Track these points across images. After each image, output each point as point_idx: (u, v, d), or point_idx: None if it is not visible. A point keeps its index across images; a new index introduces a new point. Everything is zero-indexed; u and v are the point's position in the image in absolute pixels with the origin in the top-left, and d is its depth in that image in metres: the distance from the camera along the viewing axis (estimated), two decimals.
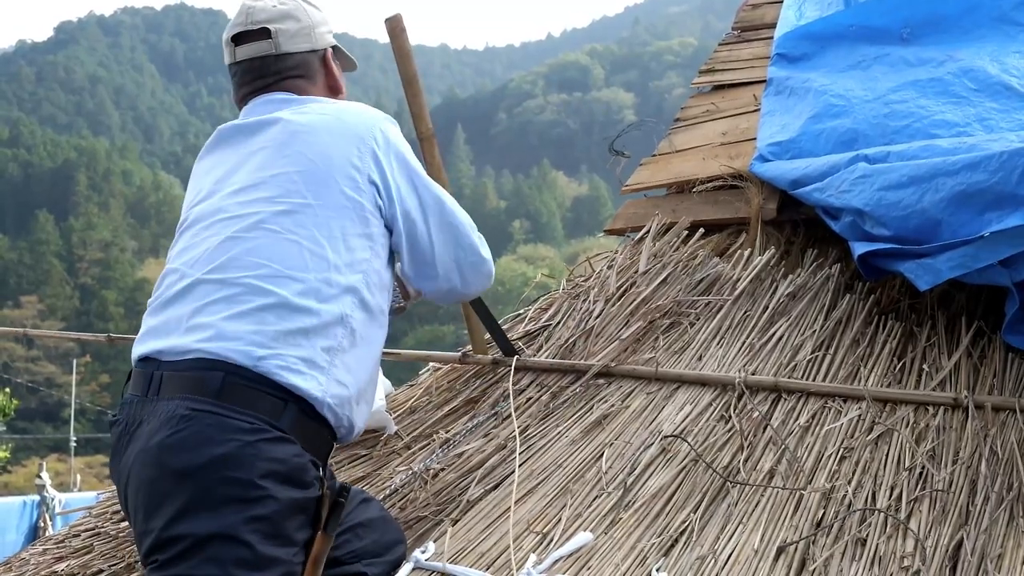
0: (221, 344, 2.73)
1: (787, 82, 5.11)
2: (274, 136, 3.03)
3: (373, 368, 3.04)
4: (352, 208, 2.94)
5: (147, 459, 2.69)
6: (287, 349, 2.75)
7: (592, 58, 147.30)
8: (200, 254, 2.91)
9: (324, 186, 2.92)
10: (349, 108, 3.14)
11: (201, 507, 2.61)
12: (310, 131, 3.01)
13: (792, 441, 3.51)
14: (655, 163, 5.37)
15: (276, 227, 2.87)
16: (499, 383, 4.26)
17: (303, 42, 3.25)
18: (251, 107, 3.23)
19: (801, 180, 4.53)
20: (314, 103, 3.15)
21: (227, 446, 2.63)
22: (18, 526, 16.49)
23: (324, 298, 2.83)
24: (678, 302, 4.33)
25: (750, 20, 6.13)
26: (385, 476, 3.89)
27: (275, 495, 2.65)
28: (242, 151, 3.07)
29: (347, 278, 2.89)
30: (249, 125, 3.13)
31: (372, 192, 2.99)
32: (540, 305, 4.76)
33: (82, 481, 27.10)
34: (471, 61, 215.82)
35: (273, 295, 2.78)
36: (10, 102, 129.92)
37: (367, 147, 3.01)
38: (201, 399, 2.69)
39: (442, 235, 3.14)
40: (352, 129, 3.03)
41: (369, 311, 2.95)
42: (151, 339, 2.88)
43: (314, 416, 2.81)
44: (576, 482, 3.49)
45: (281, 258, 2.83)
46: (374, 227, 2.99)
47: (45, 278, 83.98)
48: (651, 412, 3.80)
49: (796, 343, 4.04)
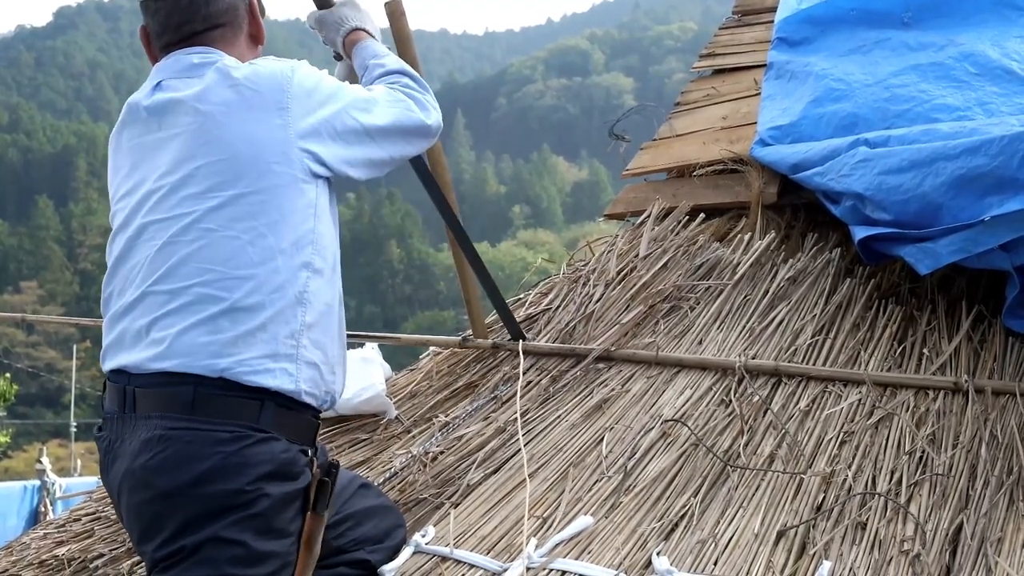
0: (181, 360, 2.68)
1: (788, 66, 5.10)
2: (188, 121, 2.84)
3: (338, 329, 2.95)
4: (286, 183, 2.80)
5: (134, 483, 2.67)
6: (248, 351, 2.69)
7: (592, 43, 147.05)
8: (142, 261, 2.81)
9: (252, 168, 2.77)
10: (258, 71, 2.89)
11: (196, 522, 2.60)
12: (226, 112, 2.81)
13: (792, 425, 3.51)
14: (655, 147, 5.36)
15: (212, 225, 2.75)
16: (499, 367, 4.26)
17: None
18: (167, 65, 3.01)
19: (802, 164, 4.53)
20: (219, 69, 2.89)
21: (211, 460, 2.61)
22: (19, 511, 16.50)
23: (276, 287, 2.74)
24: (678, 286, 4.33)
25: (751, 4, 6.12)
26: (385, 460, 3.90)
27: (267, 492, 2.65)
28: (158, 136, 2.91)
29: (296, 258, 2.79)
30: (157, 106, 2.93)
31: (303, 159, 2.83)
32: (540, 289, 4.76)
33: (82, 466, 27.11)
34: (471, 46, 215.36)
35: (223, 300, 2.70)
36: (9, 87, 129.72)
37: (289, 111, 2.82)
38: (176, 416, 2.65)
39: (388, 140, 3.03)
40: (269, 96, 2.83)
41: (322, 274, 2.86)
42: (114, 353, 2.83)
43: (293, 406, 2.77)
44: (576, 466, 3.49)
45: (224, 259, 2.73)
46: (310, 192, 2.85)
47: (45, 264, 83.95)
48: (651, 396, 3.80)
49: (796, 327, 4.04)
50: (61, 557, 3.69)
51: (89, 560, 3.65)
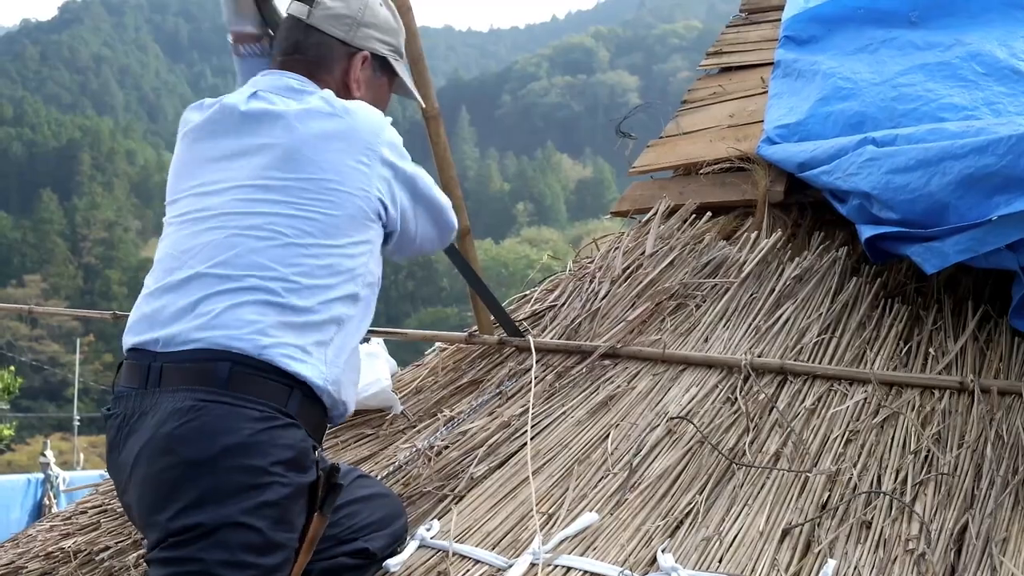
0: (225, 333, 2.73)
1: (795, 64, 5.10)
2: (282, 135, 2.97)
3: (354, 351, 3.05)
4: (357, 218, 2.95)
5: (156, 449, 2.68)
6: (287, 337, 2.77)
7: (597, 40, 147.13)
8: (203, 246, 2.88)
9: (334, 196, 2.91)
10: (358, 111, 3.06)
11: (214, 497, 2.61)
12: (321, 137, 2.96)
13: (798, 424, 3.51)
14: (662, 145, 5.36)
15: (286, 230, 2.86)
16: (504, 363, 4.27)
17: (337, 28, 3.19)
18: (265, 81, 3.16)
19: (808, 163, 4.53)
20: (321, 99, 3.05)
21: (239, 435, 2.64)
22: (22, 504, 16.52)
23: (323, 302, 2.86)
24: (684, 284, 4.34)
25: (758, 2, 6.12)
26: (390, 455, 3.91)
27: (284, 481, 2.68)
28: (245, 142, 3.02)
29: (346, 286, 2.92)
30: (254, 113, 3.04)
31: (376, 201, 2.99)
32: (546, 286, 4.76)
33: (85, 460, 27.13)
34: (476, 43, 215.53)
35: (275, 294, 2.79)
36: (14, 81, 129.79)
37: (375, 156, 2.99)
38: (210, 390, 2.69)
39: (427, 224, 3.23)
40: (361, 136, 2.99)
41: (359, 304, 2.99)
42: (147, 327, 2.86)
43: (315, 400, 2.84)
44: (582, 463, 3.49)
45: (287, 263, 2.83)
46: (372, 232, 3.01)
47: (49, 257, 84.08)
48: (657, 393, 3.80)
49: (802, 326, 4.04)
50: (67, 549, 3.70)
51: (95, 553, 3.65)
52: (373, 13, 3.25)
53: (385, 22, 3.29)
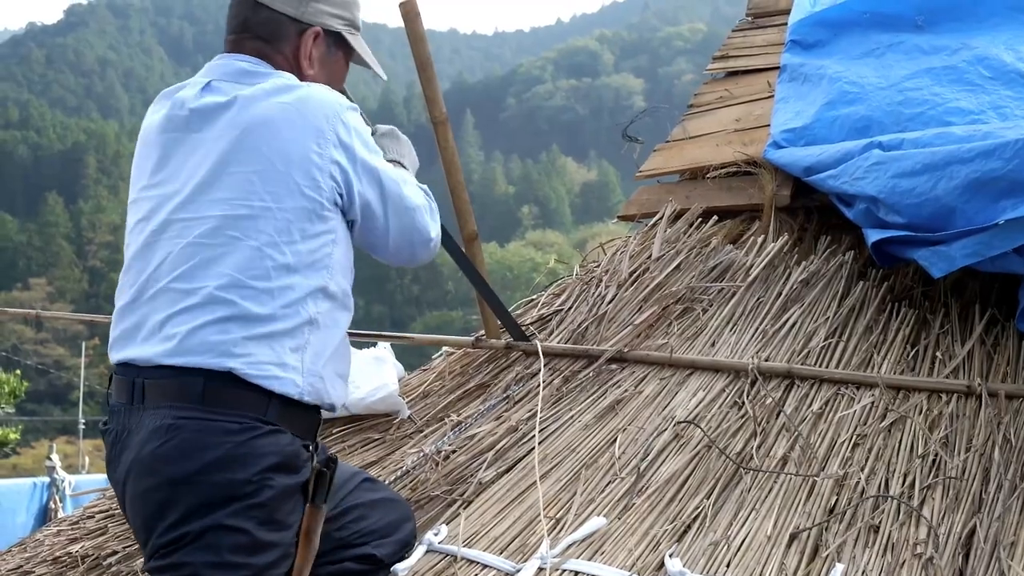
0: (191, 357, 2.71)
1: (801, 69, 5.11)
2: (230, 127, 2.88)
3: (340, 345, 2.98)
4: (311, 207, 2.84)
5: (142, 470, 2.70)
6: (257, 354, 2.73)
7: (601, 43, 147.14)
8: (163, 257, 2.85)
9: (282, 186, 2.81)
10: (310, 95, 2.93)
11: (200, 511, 2.63)
12: (268, 124, 2.85)
13: (805, 428, 3.51)
14: (668, 149, 5.36)
15: (237, 233, 2.79)
16: (511, 367, 4.27)
17: (285, 4, 3.06)
18: (213, 66, 3.07)
19: (815, 167, 4.53)
20: (273, 82, 2.95)
21: (220, 449, 2.64)
22: (28, 507, 16.53)
23: (288, 302, 2.79)
24: (691, 288, 4.34)
25: (764, 6, 6.12)
26: (398, 460, 3.91)
27: (272, 484, 2.68)
28: (197, 136, 2.94)
29: (310, 280, 2.84)
30: (203, 109, 2.95)
31: (331, 187, 2.88)
32: (553, 290, 4.76)
33: (90, 463, 27.15)
34: (480, 46, 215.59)
35: (235, 306, 2.74)
36: (20, 84, 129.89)
37: (327, 141, 2.87)
38: (186, 406, 2.69)
39: (398, 219, 3.06)
40: (312, 122, 2.87)
41: (334, 299, 2.92)
42: (125, 345, 2.86)
43: (297, 404, 2.81)
44: (589, 467, 3.50)
45: (242, 267, 2.77)
46: (332, 220, 2.91)
47: (54, 260, 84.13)
48: (664, 398, 3.81)
49: (809, 330, 4.04)
50: (75, 554, 3.71)
51: (103, 557, 3.66)
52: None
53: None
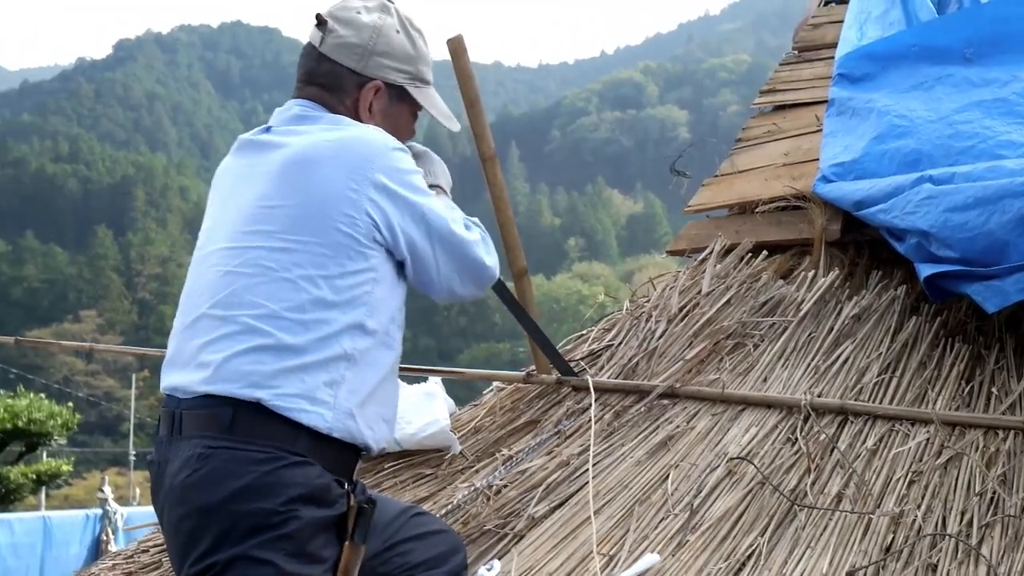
0: (223, 386, 2.74)
1: (849, 102, 5.09)
2: (279, 160, 2.94)
3: (382, 386, 2.96)
4: (349, 245, 2.85)
5: (173, 499, 2.73)
6: (287, 386, 2.74)
7: (646, 75, 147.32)
8: (204, 286, 2.90)
9: (320, 223, 2.84)
10: (355, 136, 2.97)
11: (227, 540, 2.64)
12: (310, 161, 2.89)
13: (860, 464, 3.50)
14: (717, 184, 5.36)
15: (274, 264, 2.82)
16: (562, 402, 4.27)
17: (347, 57, 3.10)
18: (278, 110, 3.16)
19: (865, 201, 4.51)
20: (323, 123, 3.02)
21: (246, 478, 2.65)
22: (81, 539, 16.67)
23: (322, 338, 2.80)
24: (742, 323, 4.33)
25: (810, 40, 6.11)
26: (449, 495, 3.91)
27: (299, 515, 2.67)
28: (249, 172, 3.01)
29: (347, 316, 2.84)
30: (261, 143, 3.05)
31: (368, 226, 2.88)
32: (603, 325, 4.76)
33: (141, 495, 27.31)
34: (525, 78, 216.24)
35: (270, 336, 2.76)
36: (70, 118, 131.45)
37: (366, 180, 2.88)
38: (215, 435, 2.71)
39: (447, 255, 3.05)
40: (352, 160, 2.89)
41: (373, 336, 2.90)
42: (169, 370, 2.91)
43: (327, 440, 2.79)
44: (642, 503, 3.49)
45: (278, 298, 2.79)
46: (374, 259, 2.90)
47: (104, 293, 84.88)
48: (717, 434, 3.80)
49: (862, 365, 4.02)
50: None
51: None
52: (387, 41, 3.13)
53: (400, 49, 3.16)
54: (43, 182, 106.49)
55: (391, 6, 3.18)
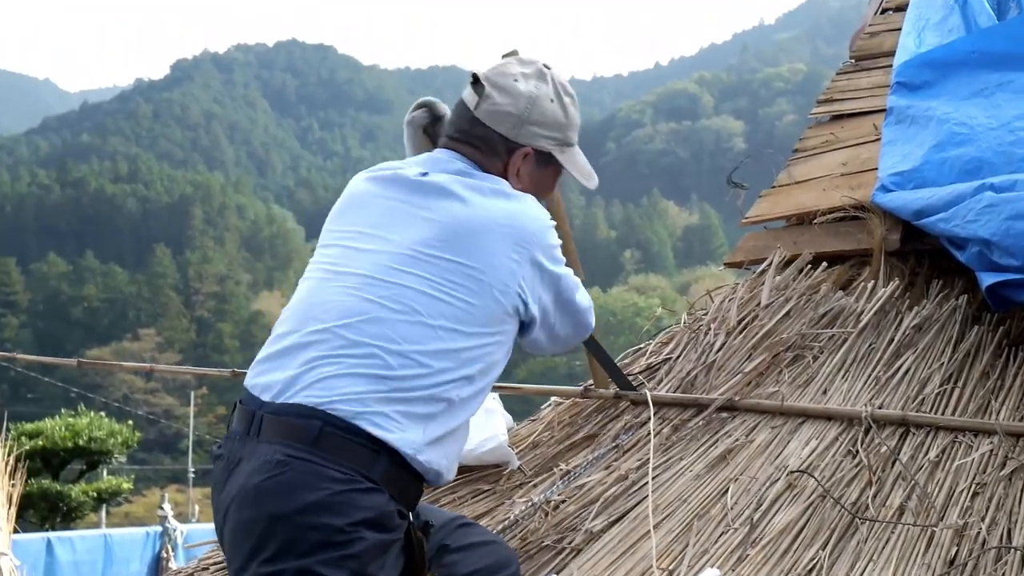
0: (325, 395, 2.77)
1: (908, 111, 5.04)
2: (445, 215, 3.00)
3: (463, 426, 3.04)
4: (495, 311, 2.96)
5: (244, 500, 2.74)
6: (384, 409, 2.79)
7: (701, 86, 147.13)
8: (335, 303, 2.93)
9: (476, 285, 2.93)
10: (526, 210, 3.07)
11: (293, 550, 2.66)
12: (484, 228, 2.98)
13: (922, 476, 3.46)
14: (775, 195, 5.33)
15: (420, 308, 2.88)
16: (620, 416, 4.25)
17: (501, 124, 3.17)
18: (433, 158, 3.20)
19: (925, 210, 4.47)
20: (490, 187, 3.08)
21: (319, 493, 2.68)
22: (141, 556, 16.81)
23: (437, 383, 2.87)
24: (801, 335, 4.29)
25: (868, 48, 6.06)
26: (507, 510, 3.89)
27: (363, 536, 2.69)
28: (416, 210, 3.05)
29: (465, 369, 2.92)
30: (425, 185, 3.08)
31: (517, 298, 2.99)
32: (661, 339, 4.74)
33: (200, 512, 27.53)
34: (579, 91, 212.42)
35: (390, 368, 2.82)
36: (128, 139, 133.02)
37: (527, 255, 2.99)
38: (298, 446, 2.73)
39: (564, 321, 3.20)
40: (520, 235, 3.00)
41: (475, 385, 2.98)
42: (266, 370, 2.92)
43: (404, 467, 2.83)
44: (701, 517, 3.47)
45: (414, 340, 2.85)
46: (507, 326, 3.02)
47: (163, 311, 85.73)
48: (776, 447, 3.77)
49: (923, 376, 3.98)
50: None
51: None
52: (541, 111, 3.19)
53: (553, 119, 3.22)
54: (102, 202, 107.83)
55: (548, 73, 3.26)
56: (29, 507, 23.33)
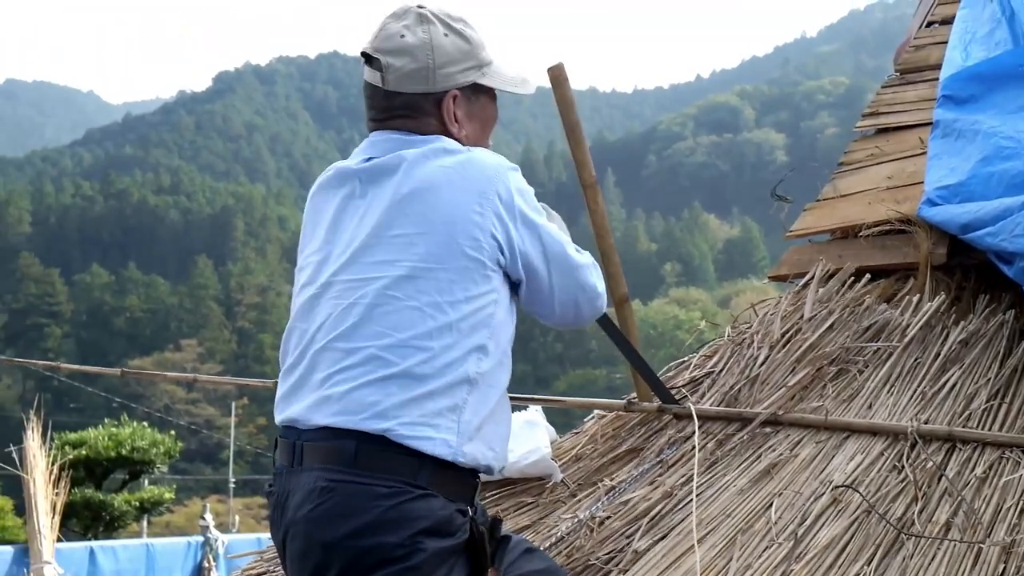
0: (348, 417, 2.75)
1: (954, 124, 5.01)
2: (396, 189, 2.93)
3: (498, 405, 2.97)
4: (474, 268, 2.87)
5: (296, 532, 2.74)
6: (411, 414, 2.75)
7: (742, 99, 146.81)
8: (325, 318, 2.90)
9: (445, 248, 2.85)
10: (471, 159, 2.96)
11: (353, 573, 2.65)
12: (430, 188, 2.89)
13: (968, 492, 3.43)
14: (819, 208, 5.30)
15: (398, 293, 2.83)
16: (663, 430, 4.24)
17: (415, 84, 3.04)
18: (371, 142, 3.12)
19: (972, 224, 4.44)
20: (433, 147, 2.98)
21: (371, 513, 2.66)
22: (183, 566, 16.90)
23: (448, 363, 2.81)
24: (846, 349, 4.27)
25: (913, 62, 6.03)
26: (551, 524, 3.90)
27: (424, 547, 2.67)
28: (360, 201, 3.00)
29: (471, 339, 2.85)
30: (368, 170, 3.02)
31: (493, 248, 2.89)
32: (704, 352, 4.72)
33: (240, 522, 27.62)
34: (620, 104, 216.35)
35: (395, 365, 2.77)
36: (171, 150, 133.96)
37: (489, 202, 2.89)
38: (338, 469, 2.72)
39: (562, 279, 3.06)
40: (474, 184, 2.90)
41: (492, 357, 2.92)
42: (286, 405, 2.92)
43: (450, 468, 2.80)
44: (745, 532, 3.45)
45: (404, 327, 2.80)
46: (495, 280, 2.92)
47: (204, 322, 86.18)
48: (821, 461, 3.75)
49: (970, 391, 3.95)
50: None
51: None
52: (442, 51, 3.06)
53: (457, 51, 3.09)
54: (145, 214, 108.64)
55: (427, 13, 3.09)
56: (72, 516, 23.48)
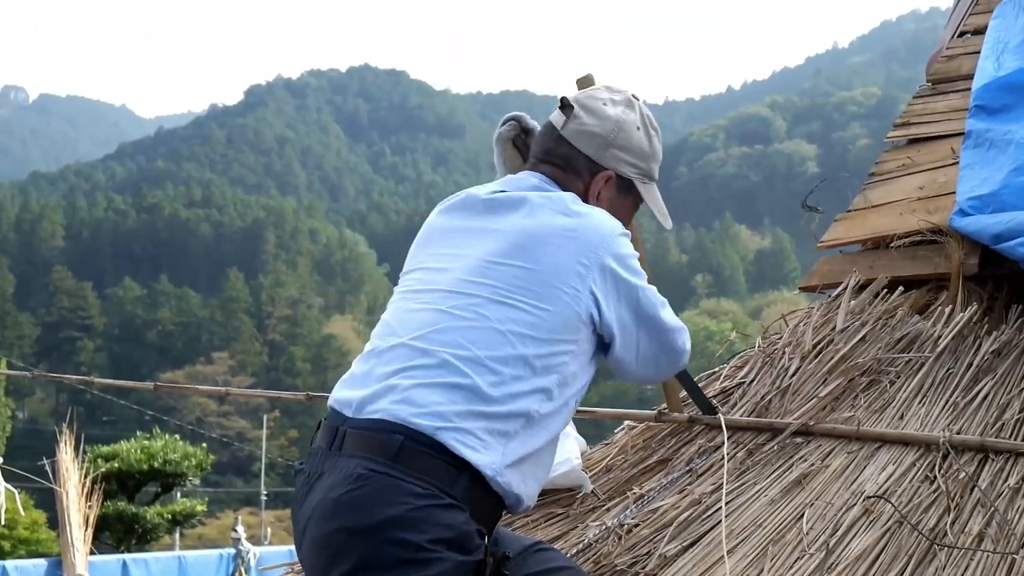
0: (405, 409, 2.78)
1: (987, 134, 5.00)
2: (512, 225, 3.03)
3: (544, 449, 3.02)
4: (566, 316, 2.93)
5: (324, 513, 2.75)
6: (466, 424, 2.78)
7: (773, 110, 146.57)
8: (411, 319, 2.97)
9: (546, 288, 2.92)
10: (592, 215, 3.06)
11: (369, 566, 2.66)
12: (547, 233, 2.98)
13: (1002, 503, 3.41)
14: (850, 219, 5.29)
15: (488, 314, 2.89)
16: (694, 441, 4.23)
17: (587, 145, 3.20)
18: (510, 178, 3.24)
19: (1004, 234, 4.43)
20: (562, 197, 3.09)
21: (399, 508, 2.68)
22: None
23: (513, 393, 2.85)
24: (878, 359, 4.26)
25: (945, 72, 6.01)
26: (581, 534, 3.89)
27: (442, 556, 2.68)
28: (480, 225, 3.09)
29: (541, 380, 2.90)
30: (495, 201, 3.12)
31: (589, 303, 2.96)
32: (735, 363, 4.72)
33: (272, 534, 27.70)
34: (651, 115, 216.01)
35: (467, 377, 2.82)
36: (202, 164, 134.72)
37: (596, 259, 2.97)
38: (379, 460, 2.73)
39: (649, 339, 3.13)
40: (586, 239, 2.98)
41: (555, 402, 2.96)
42: (348, 387, 2.96)
43: (484, 487, 2.82)
44: (776, 543, 3.44)
45: (484, 345, 2.86)
46: (582, 333, 2.98)
47: (236, 335, 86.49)
48: (852, 472, 3.74)
49: (1003, 402, 3.93)
50: None
51: None
52: (627, 136, 3.21)
53: (638, 146, 3.24)
54: (177, 227, 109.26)
55: (636, 103, 3.28)
56: (105, 529, 23.61)
